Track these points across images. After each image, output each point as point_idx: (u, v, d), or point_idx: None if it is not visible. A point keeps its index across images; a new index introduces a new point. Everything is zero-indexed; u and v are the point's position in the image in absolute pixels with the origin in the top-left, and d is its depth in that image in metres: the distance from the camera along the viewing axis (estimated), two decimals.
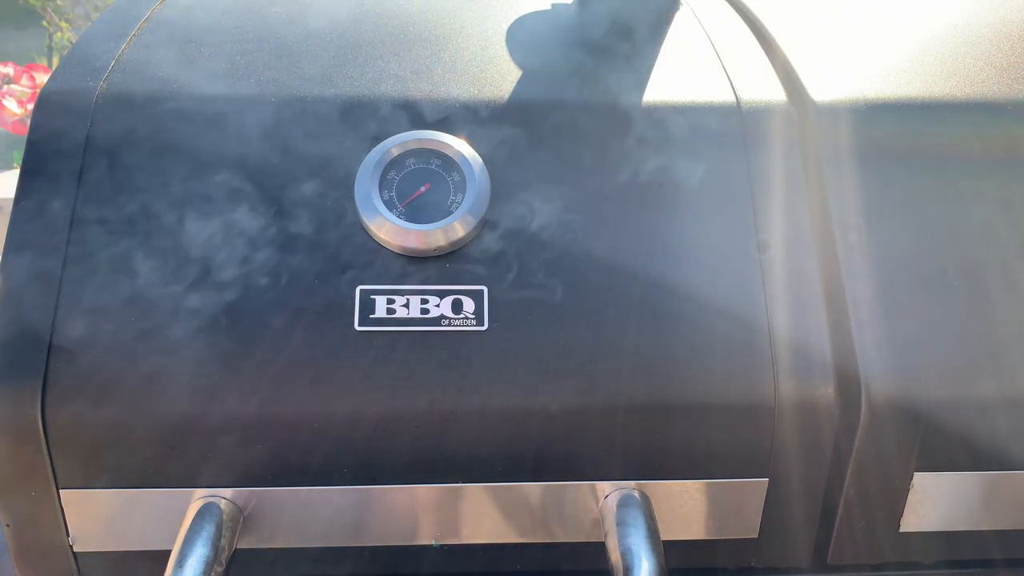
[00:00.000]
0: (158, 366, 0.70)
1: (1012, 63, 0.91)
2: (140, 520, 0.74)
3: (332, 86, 0.83)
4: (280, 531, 0.75)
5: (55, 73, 0.83)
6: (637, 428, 0.73)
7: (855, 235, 0.78)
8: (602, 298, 0.75)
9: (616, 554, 0.69)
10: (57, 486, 0.72)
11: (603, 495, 0.75)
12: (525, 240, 0.77)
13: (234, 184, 0.77)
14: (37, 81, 3.20)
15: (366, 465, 0.73)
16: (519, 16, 0.98)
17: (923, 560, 0.82)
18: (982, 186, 0.81)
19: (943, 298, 0.76)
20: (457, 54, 0.90)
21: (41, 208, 0.75)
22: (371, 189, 0.76)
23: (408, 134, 0.79)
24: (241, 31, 0.91)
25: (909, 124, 0.83)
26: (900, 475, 0.77)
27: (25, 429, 0.69)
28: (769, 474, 0.76)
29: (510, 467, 0.74)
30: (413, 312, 0.73)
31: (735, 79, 0.87)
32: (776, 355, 0.74)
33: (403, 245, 0.74)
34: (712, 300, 0.75)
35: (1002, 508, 0.79)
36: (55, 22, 5.04)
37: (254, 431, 0.71)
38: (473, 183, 0.76)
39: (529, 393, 0.72)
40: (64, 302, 0.72)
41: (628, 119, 0.82)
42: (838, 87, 0.86)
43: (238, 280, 0.73)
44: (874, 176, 0.81)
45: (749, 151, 0.82)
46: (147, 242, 0.74)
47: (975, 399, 0.74)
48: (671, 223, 0.78)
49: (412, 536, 0.76)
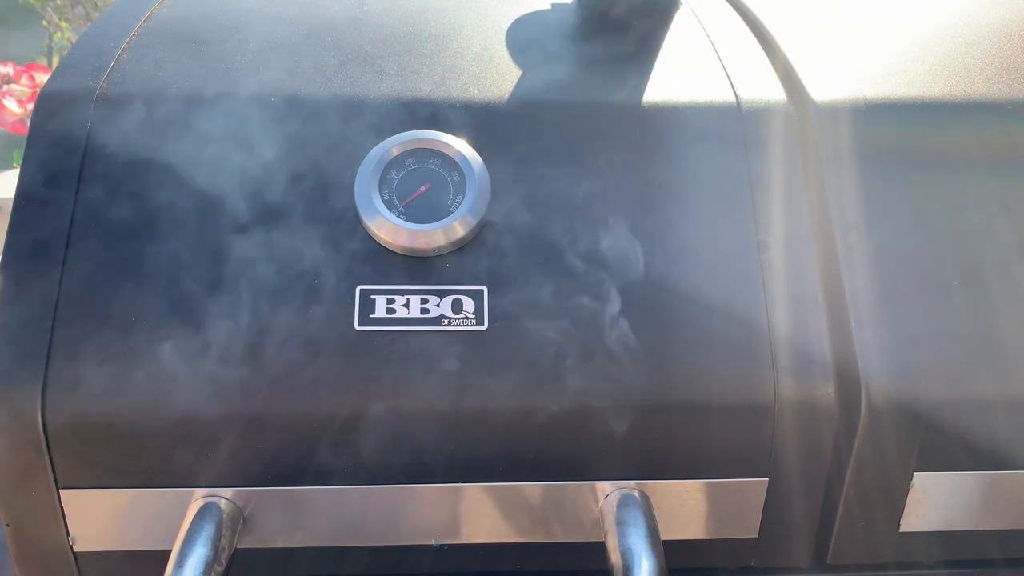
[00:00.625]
0: (158, 366, 0.70)
1: (1012, 63, 0.91)
2: (140, 520, 0.74)
3: (332, 86, 0.83)
4: (280, 531, 0.75)
5: (55, 73, 0.83)
6: (637, 428, 0.73)
7: (855, 235, 0.78)
8: (602, 298, 0.75)
9: (616, 554, 0.69)
10: (57, 486, 0.72)
11: (603, 495, 0.75)
12: (525, 240, 0.77)
13: (234, 184, 0.77)
14: (37, 81, 3.19)
15: (366, 465, 0.73)
16: (519, 16, 0.98)
17: (923, 560, 0.82)
18: (982, 186, 0.81)
19: (943, 298, 0.77)
20: (457, 54, 0.90)
21: (41, 208, 0.75)
22: (371, 189, 0.76)
23: (408, 134, 0.79)
24: (241, 31, 0.91)
25: (909, 124, 0.83)
26: (900, 475, 0.77)
27: (25, 429, 0.69)
28: (769, 474, 0.76)
29: (510, 467, 0.74)
30: (413, 312, 0.73)
31: (735, 79, 0.87)
32: (776, 355, 0.74)
33: (403, 245, 0.74)
34: (712, 300, 0.75)
35: (1002, 508, 0.79)
36: (55, 22, 5.04)
37: (254, 431, 0.71)
38: (473, 183, 0.76)
39: (529, 393, 0.72)
40: (64, 302, 0.72)
41: (628, 119, 0.83)
42: (838, 87, 0.86)
43: (238, 280, 0.73)
44: (874, 176, 0.81)
45: (749, 151, 0.82)
46: (147, 242, 0.74)
47: (975, 399, 0.74)
48: (671, 223, 0.78)
49: (412, 536, 0.76)
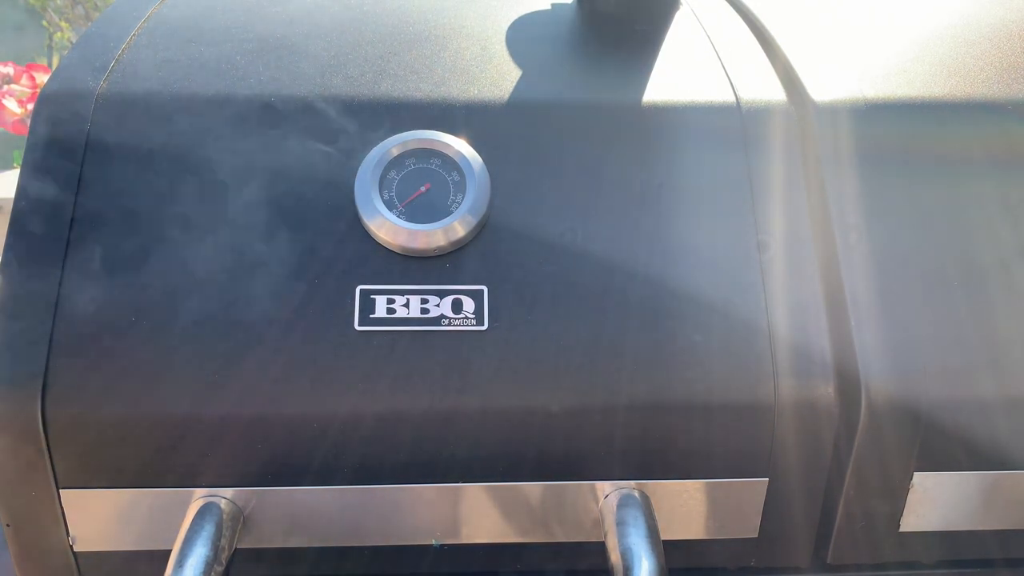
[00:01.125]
0: (158, 366, 0.70)
1: (1012, 63, 0.91)
2: (140, 520, 0.74)
3: (332, 86, 0.83)
4: (280, 531, 0.75)
5: (55, 73, 0.83)
6: (637, 428, 0.73)
7: (855, 235, 0.78)
8: (602, 298, 0.75)
9: (616, 554, 0.69)
10: (57, 486, 0.72)
11: (603, 495, 0.75)
12: (525, 240, 0.77)
13: (234, 184, 0.77)
14: (37, 81, 3.19)
15: (366, 465, 0.73)
16: (519, 16, 0.98)
17: (923, 560, 0.82)
18: (982, 186, 0.81)
19: (943, 298, 0.77)
20: (457, 54, 0.90)
21: (41, 208, 0.75)
22: (371, 189, 0.76)
23: (408, 134, 0.79)
24: (241, 31, 0.91)
25: (909, 124, 0.83)
26: (900, 475, 0.77)
27: (25, 429, 0.69)
28: (769, 474, 0.76)
29: (510, 467, 0.74)
30: (413, 312, 0.73)
31: (735, 79, 0.87)
32: (776, 355, 0.74)
33: (403, 245, 0.74)
34: (712, 300, 0.75)
35: (1002, 508, 0.79)
36: (55, 22, 5.04)
37: (254, 431, 0.71)
38: (473, 183, 0.76)
39: (529, 393, 0.72)
40: (64, 302, 0.72)
41: (628, 119, 0.82)
42: (838, 87, 0.86)
43: (238, 280, 0.73)
44: (874, 176, 0.81)
45: (749, 151, 0.82)
46: (147, 242, 0.74)
47: (975, 399, 0.74)
48: (671, 223, 0.78)
49: (412, 536, 0.76)
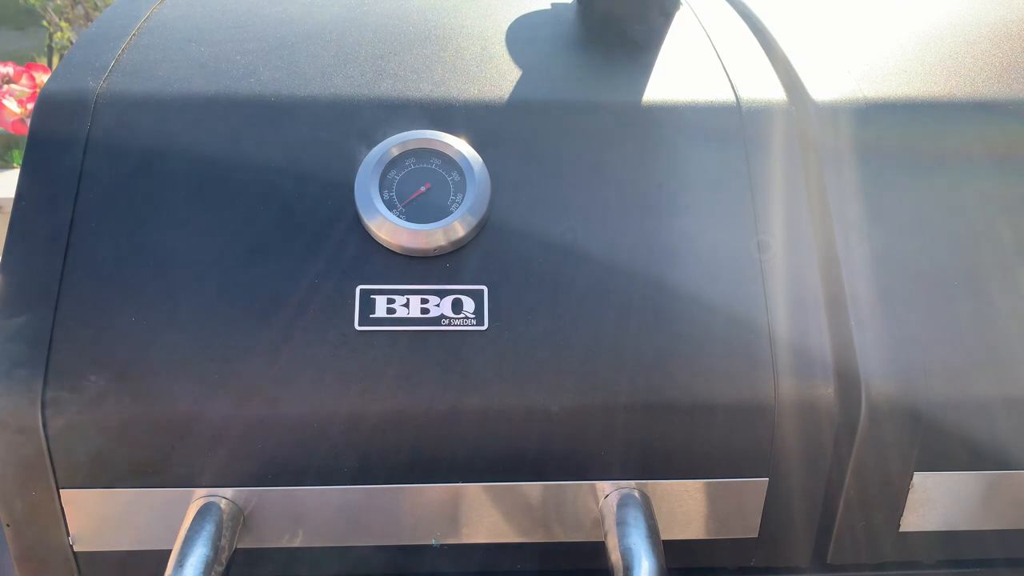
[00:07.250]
0: (158, 366, 0.70)
1: (1012, 63, 0.91)
2: (140, 520, 0.74)
3: (332, 86, 0.83)
4: (280, 531, 0.75)
5: (55, 73, 0.83)
6: (637, 428, 0.73)
7: (855, 235, 0.78)
8: (602, 298, 0.75)
9: (616, 554, 0.69)
10: (57, 486, 0.72)
11: (603, 495, 0.75)
12: (525, 240, 0.77)
13: (234, 184, 0.77)
14: (37, 81, 3.19)
15: (366, 465, 0.73)
16: (519, 16, 0.98)
17: (923, 560, 0.82)
18: (982, 186, 0.81)
19: (943, 298, 0.77)
20: (457, 54, 0.90)
21: (41, 208, 0.75)
22: (371, 189, 0.76)
23: (408, 134, 0.79)
24: (241, 31, 0.91)
25: (909, 124, 0.83)
26: (900, 475, 0.77)
27: (25, 429, 0.69)
28: (769, 474, 0.76)
29: (510, 467, 0.74)
30: (413, 312, 0.73)
31: (735, 79, 0.87)
32: (776, 355, 0.74)
33: (403, 245, 0.74)
34: (712, 300, 0.75)
35: (1002, 508, 0.79)
36: (55, 22, 5.04)
37: (254, 431, 0.71)
38: (473, 183, 0.76)
39: (529, 393, 0.72)
40: (64, 302, 0.72)
41: (628, 119, 0.82)
42: (838, 87, 0.86)
43: (238, 280, 0.73)
44: (874, 176, 0.81)
45: (749, 151, 0.82)
46: (147, 242, 0.74)
47: (975, 399, 0.74)
48: (671, 223, 0.78)
49: (412, 536, 0.76)
